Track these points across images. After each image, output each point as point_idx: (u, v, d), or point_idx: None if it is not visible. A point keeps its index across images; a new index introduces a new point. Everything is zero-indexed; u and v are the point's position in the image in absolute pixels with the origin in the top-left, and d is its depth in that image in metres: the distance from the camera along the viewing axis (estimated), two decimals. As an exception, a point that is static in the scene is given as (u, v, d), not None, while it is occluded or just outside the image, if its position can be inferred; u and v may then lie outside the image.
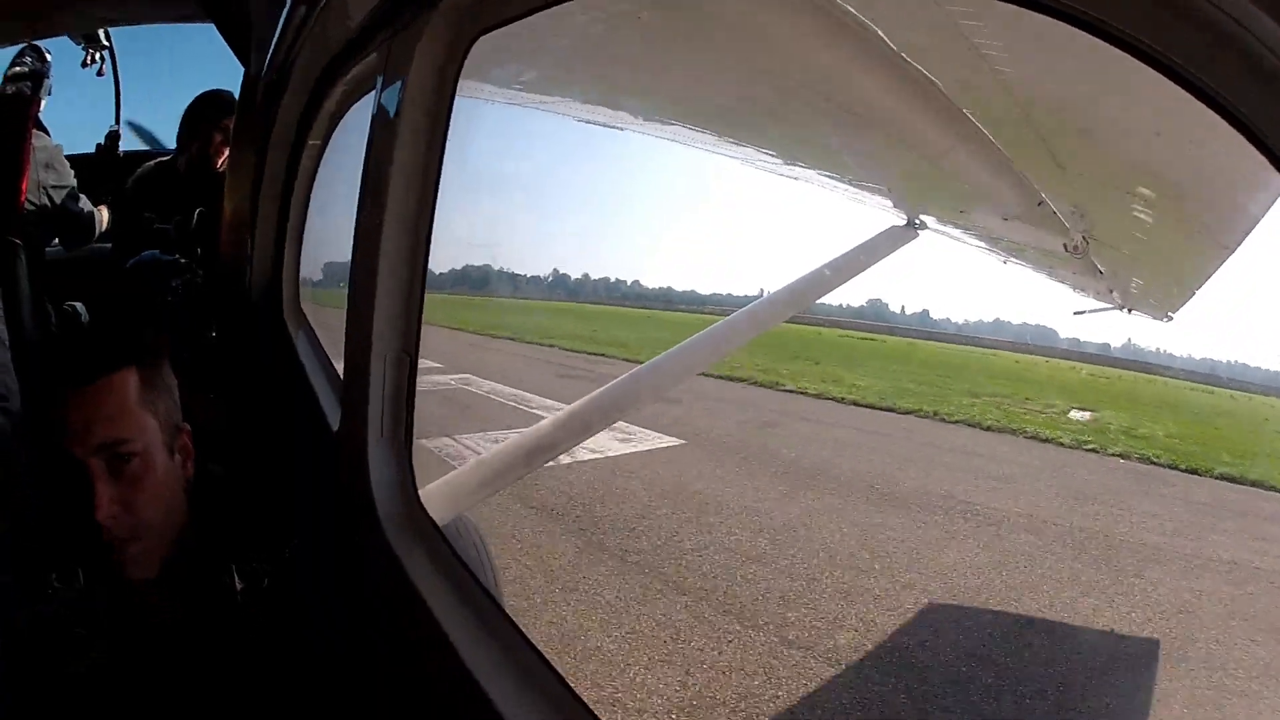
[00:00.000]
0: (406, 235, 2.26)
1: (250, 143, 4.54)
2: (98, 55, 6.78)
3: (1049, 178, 2.97)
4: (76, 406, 2.21)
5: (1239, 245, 3.00)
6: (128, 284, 5.05)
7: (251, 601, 2.27)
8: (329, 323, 3.64)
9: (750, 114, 3.40)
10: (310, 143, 4.09)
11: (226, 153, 5.28)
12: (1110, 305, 4.48)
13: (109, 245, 5.69)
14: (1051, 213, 3.24)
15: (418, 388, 2.31)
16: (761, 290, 3.92)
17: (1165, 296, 4.19)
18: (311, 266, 4.58)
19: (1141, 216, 3.01)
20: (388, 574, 2.18)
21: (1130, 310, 4.56)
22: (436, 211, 2.25)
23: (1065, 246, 3.44)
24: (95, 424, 2.19)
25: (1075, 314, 4.74)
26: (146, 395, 2.29)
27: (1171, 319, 4.39)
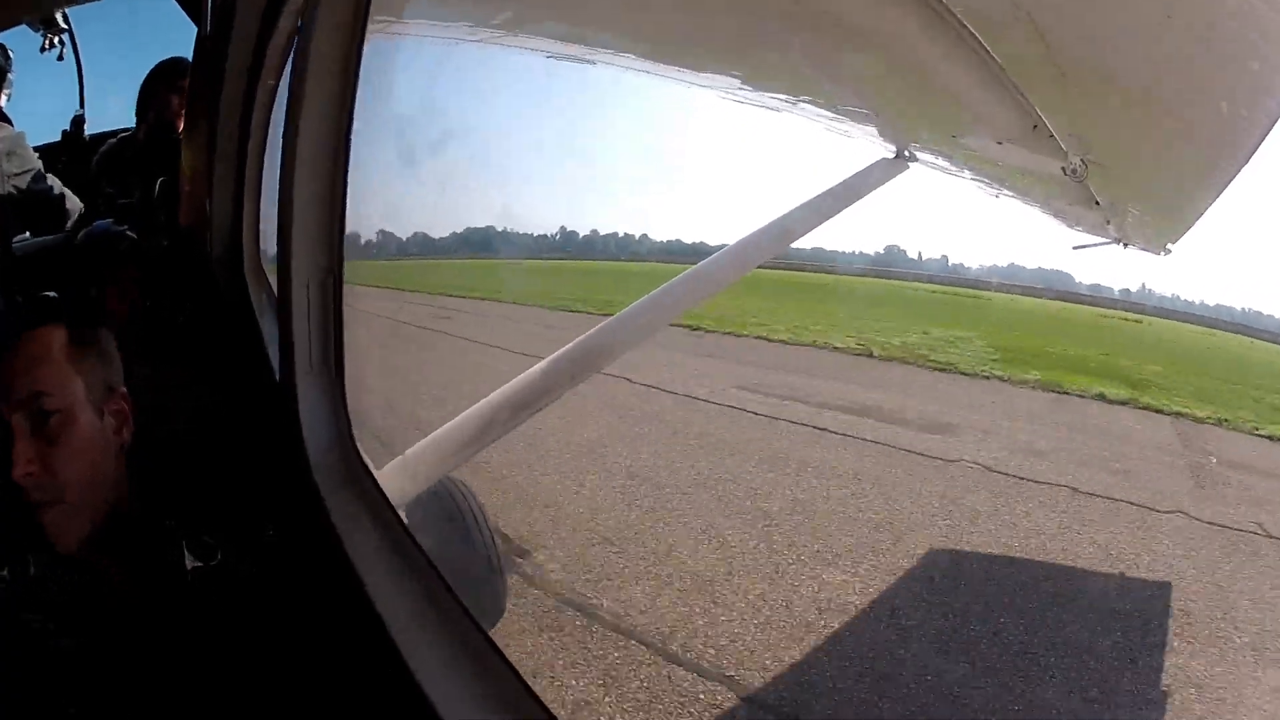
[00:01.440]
0: (325, 155, 2.19)
1: (205, 100, 4.38)
2: (57, 40, 6.67)
3: (1048, 91, 2.81)
4: (4, 367, 2.18)
5: (1243, 167, 2.88)
6: (82, 257, 4.92)
7: (204, 579, 2.18)
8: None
9: (719, 36, 3.23)
10: (266, 83, 3.93)
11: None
12: (1107, 239, 4.36)
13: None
14: (1049, 135, 3.08)
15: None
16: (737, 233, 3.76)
17: (1164, 227, 4.07)
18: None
19: (1144, 132, 2.87)
20: (317, 526, 2.09)
21: (1126, 245, 4.45)
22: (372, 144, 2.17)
23: (1064, 170, 3.29)
24: (17, 379, 2.15)
25: (1075, 248, 4.63)
26: (74, 353, 2.22)
27: (1170, 251, 4.27)
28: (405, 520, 3.61)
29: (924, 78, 2.86)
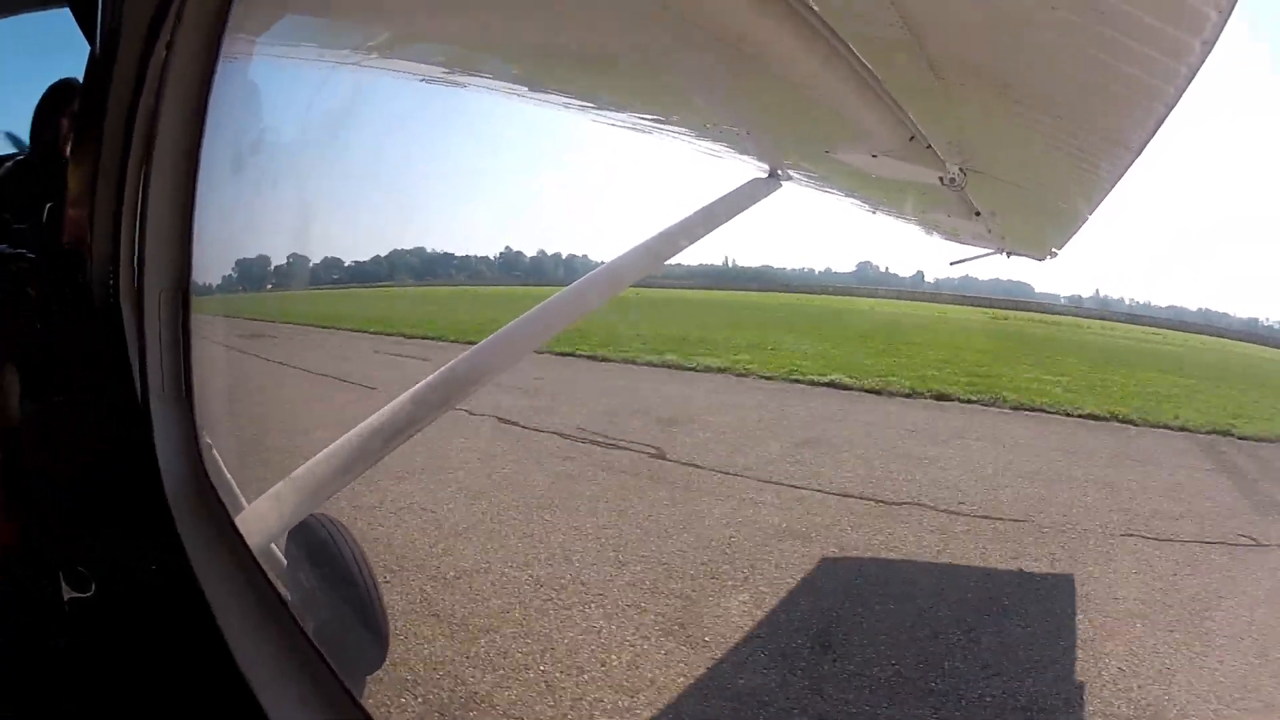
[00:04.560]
0: (176, 162, 2.22)
1: (92, 120, 4.21)
2: None
3: (926, 100, 2.69)
4: None
5: (1129, 168, 2.82)
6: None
7: (82, 610, 2.06)
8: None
9: (591, 58, 3.08)
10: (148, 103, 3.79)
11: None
12: (989, 249, 4.33)
13: None
14: (926, 146, 2.98)
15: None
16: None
17: (1047, 233, 4.04)
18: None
19: (1026, 136, 2.78)
20: (170, 552, 1.98)
21: (1009, 254, 4.43)
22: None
23: (942, 180, 3.20)
24: None
25: (952, 264, 4.59)
26: None
27: (1056, 255, 4.25)
28: (282, 552, 3.52)
29: (797, 93, 2.73)
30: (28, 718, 1.95)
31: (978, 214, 3.60)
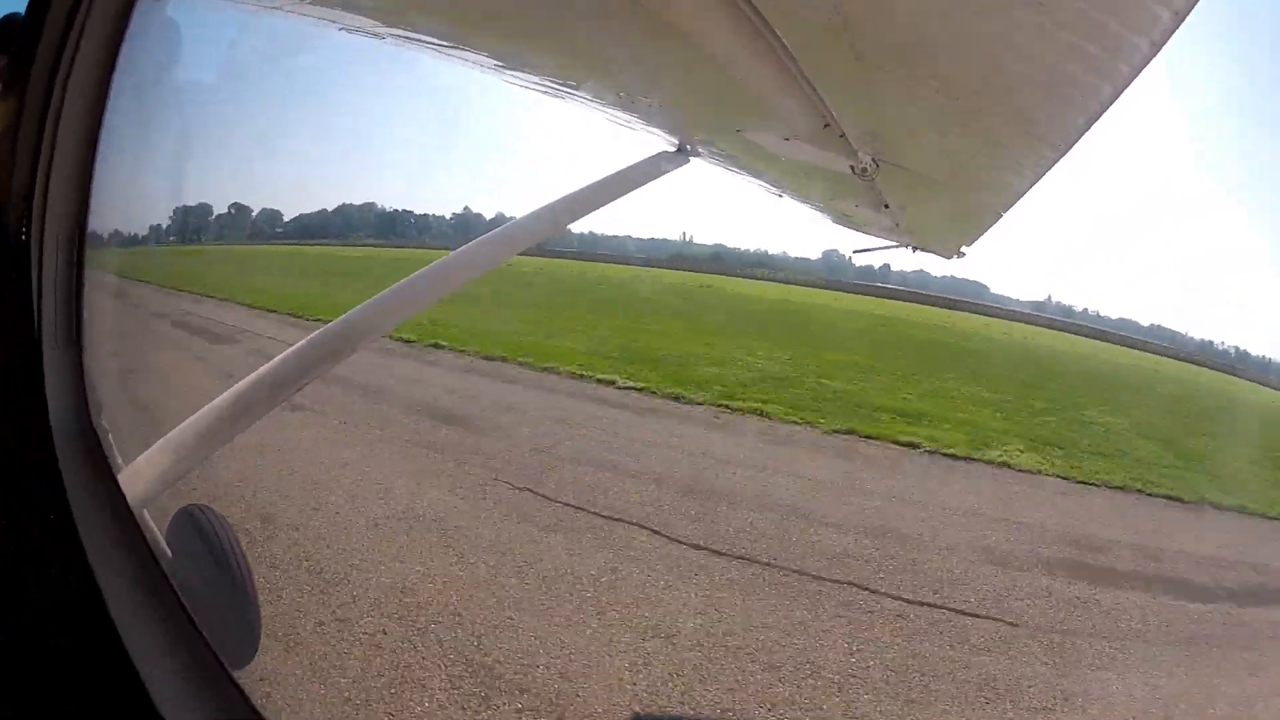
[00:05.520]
0: (86, 102, 2.18)
1: (24, 54, 4.05)
2: None
3: (843, 85, 2.59)
4: None
5: (1046, 171, 2.76)
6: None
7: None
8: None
9: (507, 15, 2.92)
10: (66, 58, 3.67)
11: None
12: (896, 243, 4.27)
13: None
14: (839, 135, 2.89)
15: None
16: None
17: (957, 230, 3.98)
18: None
19: (944, 129, 2.69)
20: (55, 507, 1.91)
21: (916, 249, 4.37)
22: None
23: (853, 169, 3.11)
24: None
25: (856, 252, 4.57)
26: None
27: (964, 255, 4.20)
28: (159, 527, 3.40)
29: (714, 68, 2.61)
30: None
31: (886, 206, 3.55)
